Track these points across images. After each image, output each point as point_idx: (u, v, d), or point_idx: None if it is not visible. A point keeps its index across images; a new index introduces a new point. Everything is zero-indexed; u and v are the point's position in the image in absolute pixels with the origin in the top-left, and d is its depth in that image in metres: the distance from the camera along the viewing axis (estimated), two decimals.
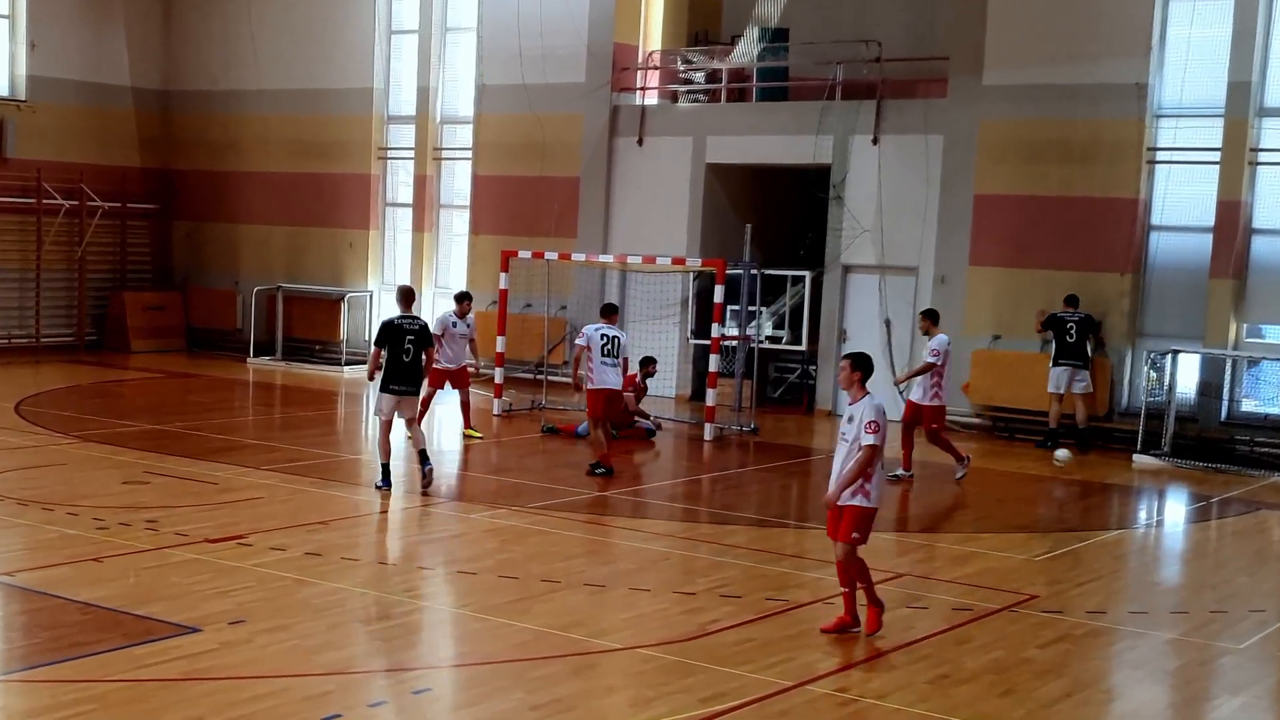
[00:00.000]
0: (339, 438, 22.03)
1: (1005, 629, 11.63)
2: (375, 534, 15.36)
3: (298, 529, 14.43)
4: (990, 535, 15.69)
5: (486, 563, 13.45)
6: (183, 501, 15.57)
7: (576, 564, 13.60)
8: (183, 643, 10.46)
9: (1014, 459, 21.04)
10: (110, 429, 20.54)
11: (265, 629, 10.90)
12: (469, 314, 20.70)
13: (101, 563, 12.73)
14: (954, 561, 14.24)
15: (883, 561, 13.65)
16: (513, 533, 14.75)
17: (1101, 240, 22.17)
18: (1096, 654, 11.31)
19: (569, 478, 17.98)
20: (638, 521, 15.85)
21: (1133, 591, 13.77)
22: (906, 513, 17.17)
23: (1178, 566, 15.54)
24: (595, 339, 18.19)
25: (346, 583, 12.44)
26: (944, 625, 11.69)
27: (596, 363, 18.19)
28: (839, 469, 11.12)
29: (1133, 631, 11.88)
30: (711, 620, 11.56)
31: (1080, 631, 11.69)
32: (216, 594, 11.83)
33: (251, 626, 10.91)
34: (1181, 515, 18.28)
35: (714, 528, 15.72)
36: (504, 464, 19.77)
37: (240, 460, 18.24)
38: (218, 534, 13.93)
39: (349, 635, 11.13)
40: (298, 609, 11.54)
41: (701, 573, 13.42)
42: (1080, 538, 15.68)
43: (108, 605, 11.36)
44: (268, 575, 12.50)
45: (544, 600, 12.08)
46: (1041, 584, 13.22)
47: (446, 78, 29.05)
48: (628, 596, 12.34)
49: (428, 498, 16.38)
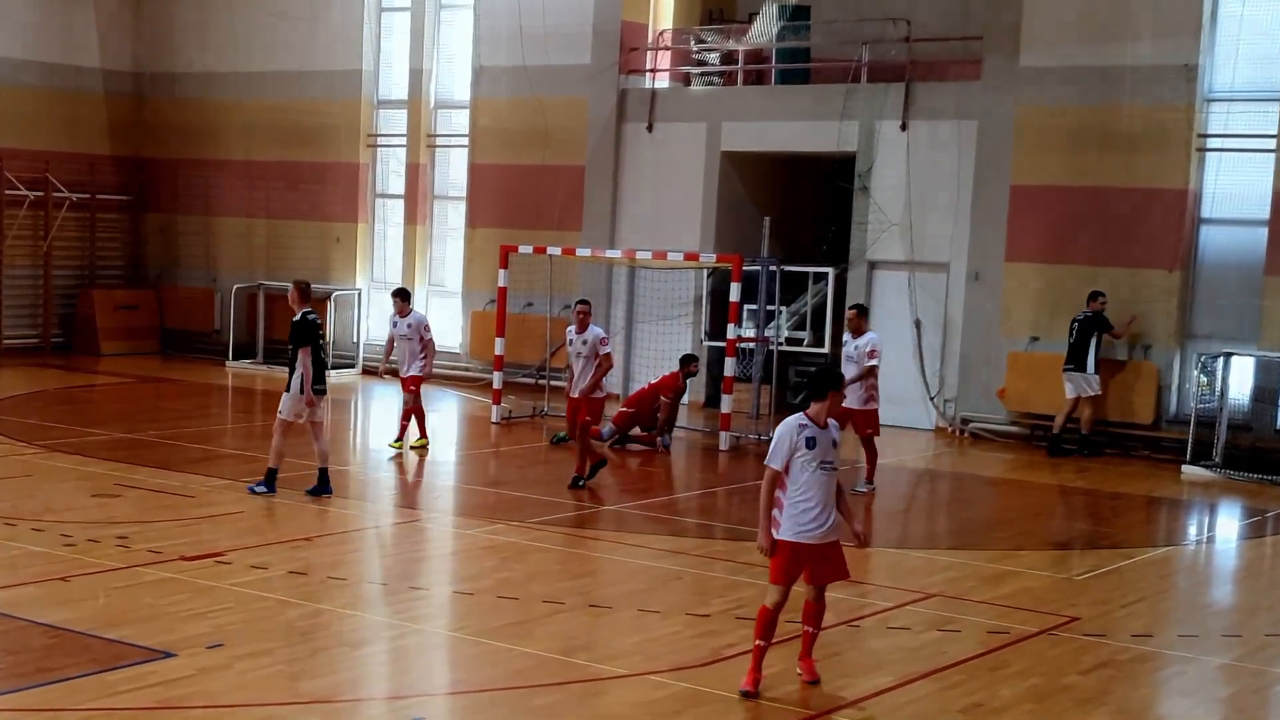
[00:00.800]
0: None
1: (1044, 653, 11.69)
2: (364, 551, 15.46)
3: (280, 546, 14.57)
4: (1028, 552, 15.77)
5: (484, 582, 13.57)
6: (156, 516, 15.67)
7: (581, 584, 13.73)
8: (157, 668, 10.52)
9: (1052, 471, 21.15)
10: (78, 437, 20.72)
11: (245, 653, 10.96)
12: (409, 314, 20.57)
13: (69, 582, 12.82)
14: (988, 581, 14.29)
15: (912, 581, 13.76)
16: (513, 550, 14.88)
17: (1147, 234, 22.25)
18: (1143, 681, 11.38)
19: (573, 491, 18.07)
20: (648, 538, 15.91)
21: (1181, 613, 13.82)
22: (936, 528, 17.24)
23: (1230, 586, 15.61)
24: None
25: (333, 604, 12.55)
26: (978, 650, 11.75)
27: None
28: (826, 499, 10.30)
29: (1181, 656, 11.92)
30: (726, 644, 11.60)
31: (1125, 656, 11.75)
32: (193, 616, 11.91)
33: (230, 651, 10.97)
34: (1234, 531, 18.35)
35: (729, 544, 15.81)
36: (503, 476, 19.90)
37: (218, 471, 18.43)
38: (194, 551, 14.04)
39: (335, 661, 11.19)
40: (280, 632, 11.63)
41: (716, 593, 13.51)
42: (1125, 555, 15.75)
43: (76, 628, 11.41)
44: (248, 595, 12.59)
45: (546, 623, 12.17)
46: (1083, 605, 13.28)
47: (441, 59, 29.44)
48: (637, 619, 12.43)
49: (415, 512, 16.69)
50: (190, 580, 13.01)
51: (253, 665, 10.70)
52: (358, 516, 16.67)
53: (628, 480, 19.95)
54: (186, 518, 15.76)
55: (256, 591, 12.70)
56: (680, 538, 16.09)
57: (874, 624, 12.38)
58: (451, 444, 22.55)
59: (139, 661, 10.64)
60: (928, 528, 17.10)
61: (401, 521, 16.65)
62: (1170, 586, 14.87)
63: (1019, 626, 12.41)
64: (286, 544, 14.63)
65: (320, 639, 11.60)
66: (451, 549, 15.53)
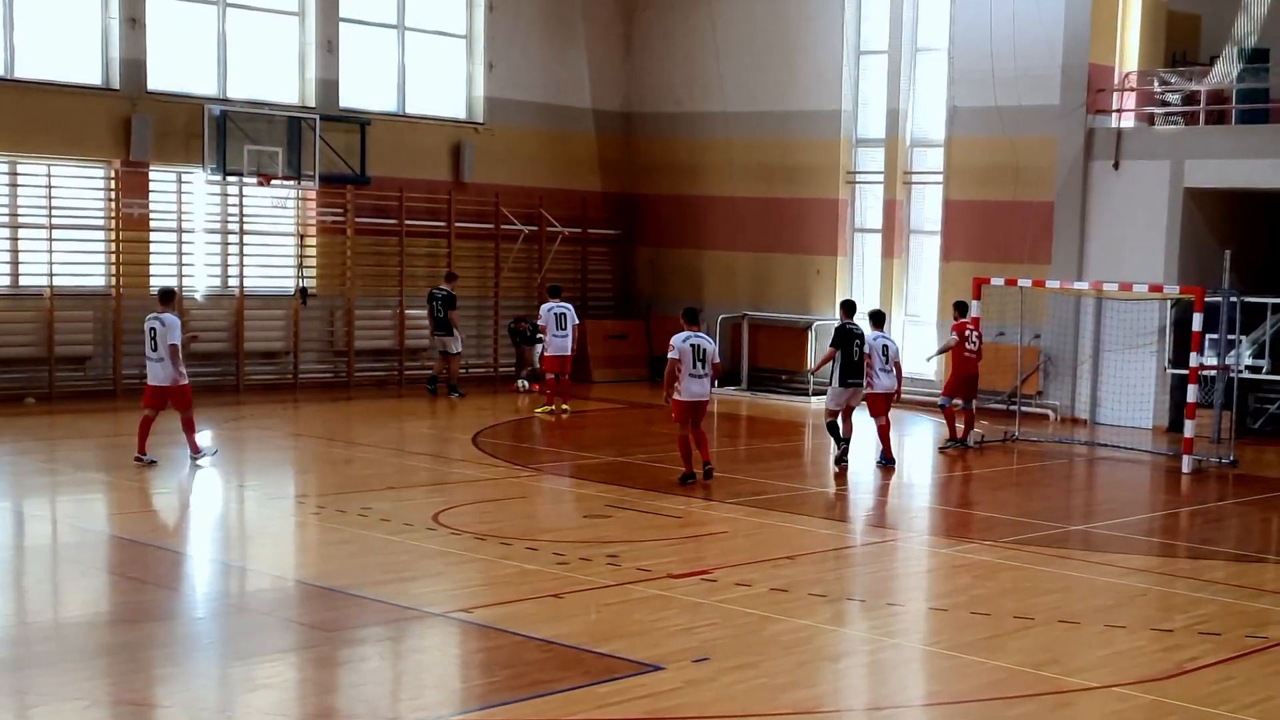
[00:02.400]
0: (805, 470, 25.37)
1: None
2: (842, 569, 17.19)
3: (763, 564, 16.24)
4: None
5: (958, 599, 15.23)
6: (645, 535, 17.71)
7: (1050, 600, 15.19)
8: (646, 681, 11.81)
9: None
10: (571, 461, 23.90)
11: (730, 667, 12.22)
12: None
13: (562, 599, 14.45)
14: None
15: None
16: (985, 568, 16.66)
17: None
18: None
19: (1043, 511, 20.67)
20: (1113, 556, 17.62)
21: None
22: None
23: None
24: (685, 350, 21.56)
25: (813, 619, 14.05)
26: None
27: (685, 373, 21.46)
28: None
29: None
30: (1190, 658, 12.97)
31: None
32: (680, 631, 13.36)
33: (716, 664, 12.25)
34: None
35: (1192, 563, 17.73)
36: (975, 497, 22.64)
37: (704, 493, 20.81)
38: (681, 569, 15.81)
39: (817, 674, 12.53)
40: (764, 646, 12.95)
41: (1179, 609, 15.12)
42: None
43: (568, 643, 12.83)
44: (733, 611, 14.07)
45: (1017, 637, 13.58)
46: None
47: (916, 99, 34.16)
48: (1103, 633, 13.85)
49: (890, 531, 19.24)
50: (678, 597, 14.57)
51: (738, 678, 11.96)
52: (836, 536, 18.87)
53: (1094, 502, 23.10)
54: (674, 537, 17.78)
55: (741, 608, 14.17)
56: (1145, 556, 18.01)
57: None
58: (926, 467, 25.37)
59: (629, 675, 11.95)
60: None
61: (877, 541, 18.78)
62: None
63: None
64: (769, 562, 16.31)
65: (801, 653, 12.87)
66: (926, 567, 17.40)
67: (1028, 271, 29.85)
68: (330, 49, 33.33)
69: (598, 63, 38.01)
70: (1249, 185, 29.37)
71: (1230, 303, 26.52)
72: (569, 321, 29.53)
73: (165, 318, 22.20)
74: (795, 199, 35.73)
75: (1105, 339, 30.57)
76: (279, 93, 33.06)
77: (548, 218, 36.37)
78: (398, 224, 34.27)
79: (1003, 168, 31.89)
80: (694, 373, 21.47)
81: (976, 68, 31.98)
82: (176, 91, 31.36)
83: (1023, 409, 29.28)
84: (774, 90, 35.88)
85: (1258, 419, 29.42)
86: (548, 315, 29.50)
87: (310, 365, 33.48)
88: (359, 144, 33.32)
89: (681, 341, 21.55)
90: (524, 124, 36.66)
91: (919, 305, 34.14)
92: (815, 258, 35.55)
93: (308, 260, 33.41)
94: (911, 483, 23.03)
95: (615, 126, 38.56)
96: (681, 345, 21.51)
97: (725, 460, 24.02)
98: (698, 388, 21.60)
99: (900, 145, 34.26)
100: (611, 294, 38.69)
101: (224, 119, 30.82)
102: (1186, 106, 31.08)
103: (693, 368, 21.44)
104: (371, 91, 34.66)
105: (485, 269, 35.96)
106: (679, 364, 21.40)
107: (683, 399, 21.51)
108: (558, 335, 29.48)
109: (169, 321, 22.16)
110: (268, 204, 32.62)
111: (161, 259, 31.21)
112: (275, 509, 20.06)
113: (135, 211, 30.72)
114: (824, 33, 35.13)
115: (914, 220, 34.57)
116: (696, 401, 21.73)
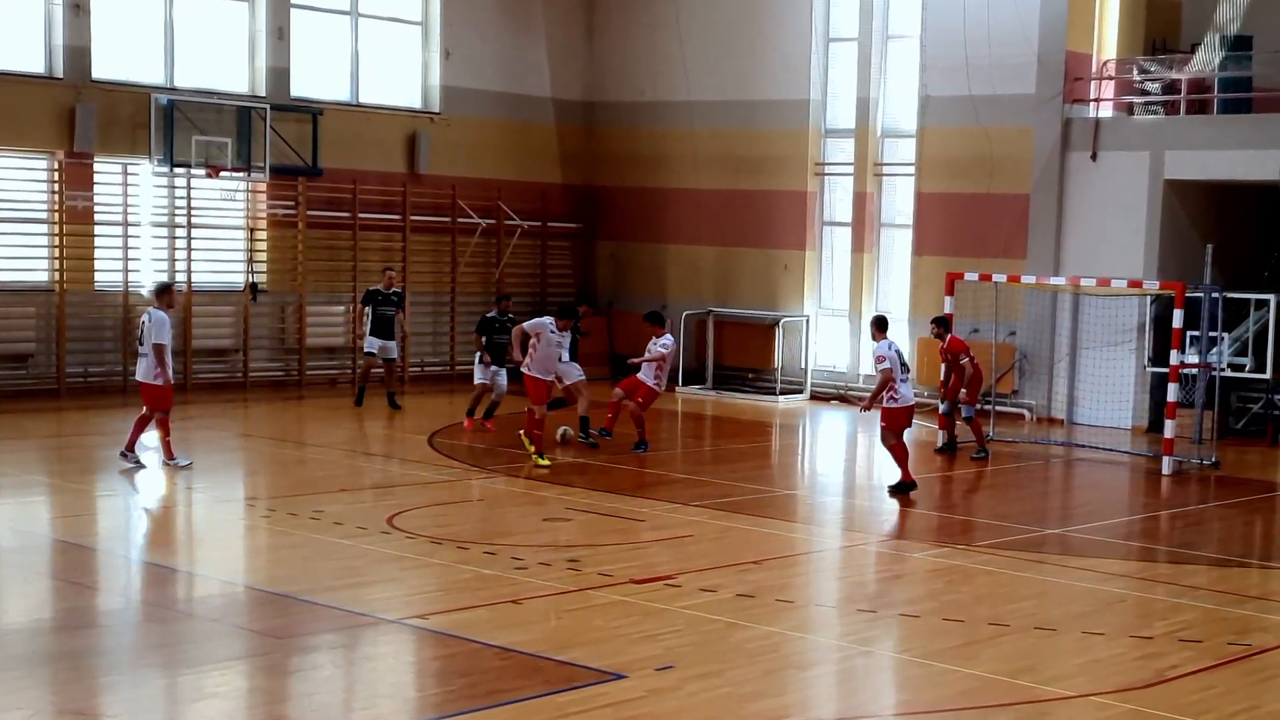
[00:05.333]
0: (773, 472, 25.46)
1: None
2: (811, 574, 17.41)
3: (729, 569, 16.32)
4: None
5: (931, 604, 15.31)
6: (606, 539, 17.86)
7: (1026, 606, 15.30)
8: (607, 690, 11.84)
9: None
10: (529, 462, 23.23)
11: (695, 675, 12.33)
12: None
13: (520, 605, 14.51)
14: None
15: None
16: (958, 573, 16.77)
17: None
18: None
19: (1019, 514, 20.79)
20: (1091, 561, 17.67)
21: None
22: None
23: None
24: None
25: (781, 626, 14.16)
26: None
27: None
28: None
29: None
30: (1170, 666, 13.06)
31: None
32: (643, 638, 13.41)
33: (681, 673, 12.36)
34: None
35: (1172, 568, 17.78)
36: (949, 500, 22.79)
37: (668, 495, 20.88)
38: (644, 574, 15.88)
39: (784, 682, 12.59)
40: (729, 654, 13.03)
41: (1159, 615, 15.24)
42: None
43: (527, 650, 12.88)
44: (697, 618, 14.16)
45: (991, 645, 13.65)
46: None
47: (887, 88, 34.07)
48: (1081, 641, 13.96)
49: (860, 535, 19.43)
50: (640, 603, 14.64)
51: (702, 687, 12.07)
52: (804, 540, 19.04)
53: (1071, 504, 23.18)
54: (636, 541, 17.96)
55: (706, 614, 14.28)
56: (1123, 561, 17.94)
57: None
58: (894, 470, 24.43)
59: (590, 683, 12.00)
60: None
61: (847, 545, 18.97)
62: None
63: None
64: (735, 567, 16.43)
65: (768, 661, 12.97)
66: (897, 572, 17.46)
67: (1002, 267, 29.93)
68: (281, 36, 33.23)
69: (558, 50, 37.95)
70: (1231, 177, 29.46)
71: (1212, 298, 26.55)
72: None
73: (153, 313, 22.05)
74: (762, 191, 35.68)
75: (1083, 336, 30.64)
76: (228, 81, 32.96)
77: (506, 211, 36.36)
78: (351, 217, 34.25)
79: (977, 159, 31.91)
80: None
81: (949, 55, 31.99)
82: (122, 80, 31.20)
83: (998, 409, 29.42)
84: (740, 79, 35.84)
85: (1240, 419, 29.52)
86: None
87: (260, 363, 33.38)
88: (311, 134, 33.19)
89: None
90: (481, 114, 36.63)
91: (890, 302, 33.91)
92: (782, 252, 35.55)
93: (258, 255, 33.27)
94: (883, 485, 22.83)
95: (576, 116, 38.45)
96: None
97: (690, 462, 24.58)
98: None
99: (871, 136, 34.20)
100: (572, 290, 37.93)
101: (171, 108, 30.66)
102: (1167, 96, 31.08)
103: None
104: (324, 80, 34.57)
105: (441, 264, 35.93)
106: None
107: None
108: None
109: (156, 318, 21.99)
110: (216, 196, 32.51)
111: (106, 254, 31.10)
112: (224, 512, 19.98)
113: (79, 204, 30.58)
114: (791, 19, 35.06)
115: (885, 213, 34.55)
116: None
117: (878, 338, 22.81)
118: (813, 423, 31.45)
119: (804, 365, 34.65)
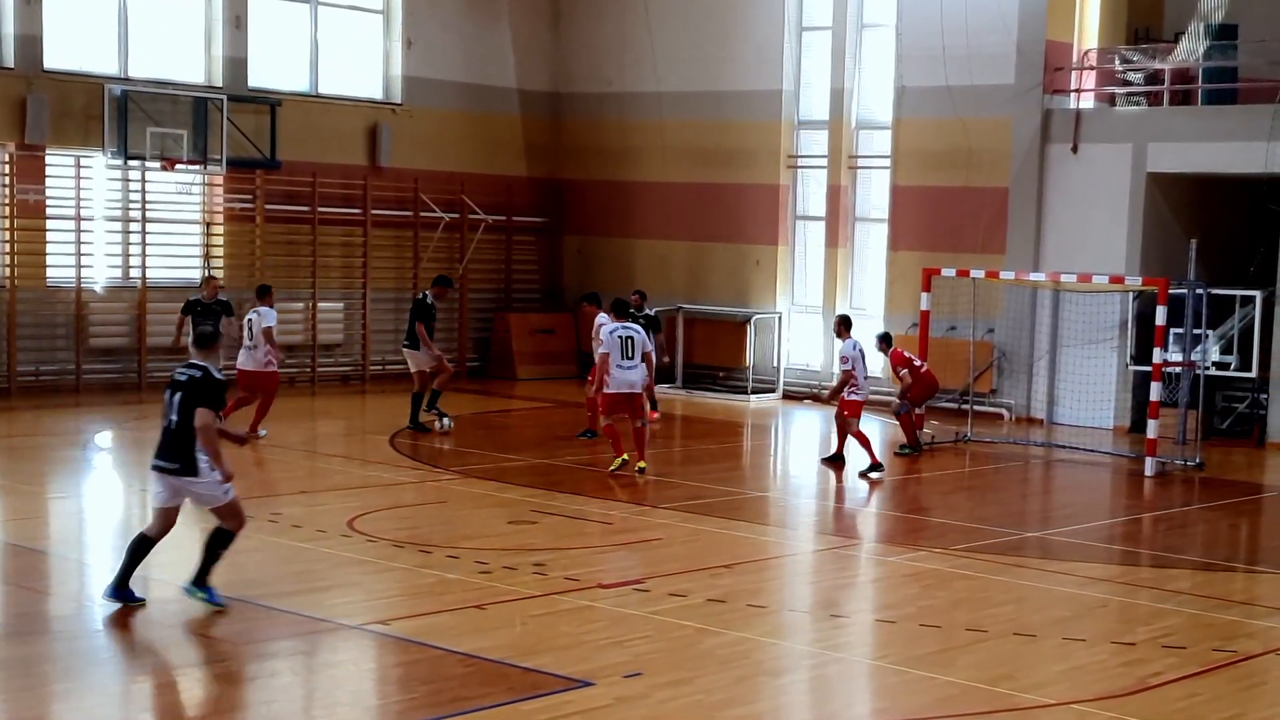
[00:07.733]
0: (745, 474, 25.75)
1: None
2: (784, 579, 17.46)
3: (699, 573, 16.38)
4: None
5: (907, 610, 15.40)
6: (573, 543, 18.04)
7: (1005, 611, 15.37)
8: (574, 698, 11.91)
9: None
10: (494, 463, 23.54)
11: (664, 683, 12.38)
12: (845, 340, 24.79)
13: (485, 610, 14.54)
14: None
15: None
16: (935, 577, 16.83)
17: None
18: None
19: (998, 516, 20.79)
20: (1072, 565, 17.70)
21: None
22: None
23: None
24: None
25: (753, 632, 14.18)
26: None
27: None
28: None
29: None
30: (1153, 673, 13.12)
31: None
32: (611, 644, 13.49)
33: (649, 680, 12.41)
34: None
35: (1155, 572, 17.93)
36: (926, 503, 22.79)
37: (635, 498, 21.00)
38: (612, 578, 16.00)
39: (756, 690, 12.69)
40: (700, 661, 13.11)
41: (1142, 621, 15.32)
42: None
43: (492, 657, 12.93)
44: (667, 624, 14.19)
45: (969, 651, 13.72)
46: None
47: (863, 79, 33.99)
48: (1061, 647, 13.98)
49: (835, 539, 19.71)
50: (608, 608, 14.75)
51: (672, 695, 12.12)
52: (777, 544, 19.09)
53: (1051, 507, 23.30)
54: (604, 545, 18.12)
55: (675, 619, 14.33)
56: (1105, 565, 18.09)
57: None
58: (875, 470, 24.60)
59: (556, 691, 12.08)
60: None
61: (821, 548, 19.07)
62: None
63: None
64: (706, 571, 16.49)
65: (740, 668, 13.04)
66: (872, 576, 17.65)
67: (981, 262, 29.85)
68: (238, 25, 33.06)
69: (523, 40, 37.86)
70: (1215, 170, 29.39)
71: (1196, 295, 26.52)
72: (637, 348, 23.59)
73: (263, 310, 25.53)
74: (733, 185, 35.65)
75: (1063, 334, 30.66)
76: (184, 72, 32.76)
77: (470, 204, 36.25)
78: (310, 211, 34.06)
79: (954, 151, 31.86)
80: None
81: (926, 45, 31.86)
82: (75, 70, 31.02)
83: (975, 408, 29.49)
84: (710, 69, 35.78)
85: (1226, 418, 29.64)
86: (610, 339, 23.27)
87: None
88: (269, 126, 33.13)
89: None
90: (445, 105, 36.55)
91: (865, 298, 34.03)
92: (754, 247, 35.50)
93: (214, 250, 33.13)
94: (858, 486, 23.06)
95: (542, 108, 38.39)
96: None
97: (659, 462, 24.09)
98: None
99: (845, 128, 34.17)
100: (538, 286, 38.57)
101: (125, 99, 30.50)
102: (1149, 86, 31.10)
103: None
104: (282, 70, 34.45)
105: (403, 259, 35.84)
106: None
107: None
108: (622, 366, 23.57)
109: (266, 314, 25.43)
110: (172, 190, 32.39)
111: (59, 249, 30.95)
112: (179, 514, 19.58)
113: (30, 198, 30.39)
114: (764, 7, 34.97)
115: (859, 207, 34.48)
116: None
117: (843, 336, 23.98)
118: (785, 423, 31.52)
119: (776, 364, 34.68)
